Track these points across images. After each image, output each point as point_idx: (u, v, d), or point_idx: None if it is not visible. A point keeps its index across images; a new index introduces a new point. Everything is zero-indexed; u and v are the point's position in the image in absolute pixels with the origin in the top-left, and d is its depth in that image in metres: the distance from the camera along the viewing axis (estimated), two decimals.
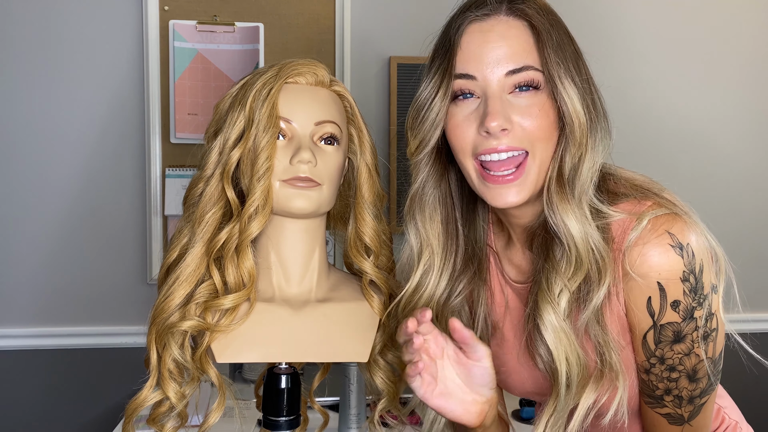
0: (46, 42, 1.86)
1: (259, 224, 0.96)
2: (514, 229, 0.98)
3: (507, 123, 0.84)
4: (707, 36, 2.07)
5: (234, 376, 1.84)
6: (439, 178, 0.97)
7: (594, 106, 0.88)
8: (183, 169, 1.91)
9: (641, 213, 0.85)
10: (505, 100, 0.86)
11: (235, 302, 0.96)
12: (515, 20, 0.87)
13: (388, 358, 1.06)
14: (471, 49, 0.86)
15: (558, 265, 0.88)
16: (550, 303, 0.88)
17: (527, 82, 0.85)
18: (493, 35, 0.86)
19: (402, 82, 1.93)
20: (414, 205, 0.97)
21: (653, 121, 2.05)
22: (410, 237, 0.98)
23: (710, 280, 0.85)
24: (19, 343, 1.90)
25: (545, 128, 0.86)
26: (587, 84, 0.88)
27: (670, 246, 0.83)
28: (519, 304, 0.99)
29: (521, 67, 0.85)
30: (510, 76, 0.85)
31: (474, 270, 1.00)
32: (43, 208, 1.88)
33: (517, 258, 0.99)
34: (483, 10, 0.87)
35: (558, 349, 0.87)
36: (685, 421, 0.90)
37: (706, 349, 0.85)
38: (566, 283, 0.87)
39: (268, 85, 0.98)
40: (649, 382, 0.89)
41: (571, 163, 0.87)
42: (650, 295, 0.84)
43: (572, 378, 0.88)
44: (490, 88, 0.86)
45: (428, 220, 0.97)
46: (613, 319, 0.89)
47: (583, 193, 0.87)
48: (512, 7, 0.87)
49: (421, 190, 0.96)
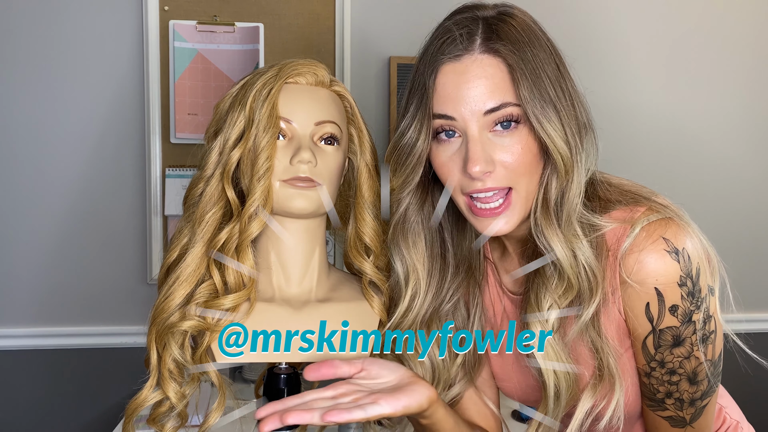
0: (47, 42, 1.86)
1: (260, 224, 0.96)
2: (509, 240, 0.98)
3: (489, 165, 0.84)
4: (700, 36, 2.06)
5: (234, 376, 1.84)
6: (422, 204, 0.97)
7: (578, 129, 0.86)
8: (183, 169, 1.91)
9: (634, 220, 0.85)
10: (486, 140, 0.84)
11: (235, 302, 0.97)
12: (490, 58, 0.84)
13: (389, 359, 1.06)
14: (447, 90, 0.85)
15: (548, 281, 0.88)
16: (537, 319, 0.88)
17: (507, 118, 0.84)
18: (469, 76, 0.84)
19: (402, 82, 1.92)
20: (397, 234, 0.97)
21: (646, 123, 2.05)
22: (396, 265, 0.98)
23: (707, 282, 0.85)
24: (19, 343, 1.90)
25: (528, 164, 0.85)
26: (570, 108, 0.86)
27: (666, 252, 0.83)
28: (515, 312, 0.99)
29: (499, 105, 0.83)
30: (489, 114, 0.84)
31: (463, 275, 1.00)
32: (43, 208, 1.88)
33: (513, 268, 0.99)
34: (455, 51, 0.85)
35: (545, 362, 0.88)
36: (687, 423, 0.90)
37: (705, 351, 0.85)
38: (556, 300, 0.87)
39: (268, 85, 0.98)
40: (650, 385, 0.89)
41: (557, 189, 0.86)
42: (648, 301, 0.84)
43: (561, 389, 0.88)
44: (469, 128, 0.84)
45: (412, 247, 0.97)
46: (610, 325, 0.88)
47: (572, 213, 0.86)
48: (486, 45, 0.85)
49: (403, 218, 0.96)
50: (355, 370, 0.86)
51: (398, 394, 0.81)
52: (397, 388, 0.84)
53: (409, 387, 0.84)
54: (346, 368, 0.85)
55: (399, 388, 0.84)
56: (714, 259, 0.86)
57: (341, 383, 0.85)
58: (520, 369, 1.00)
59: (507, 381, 1.04)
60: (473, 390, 1.05)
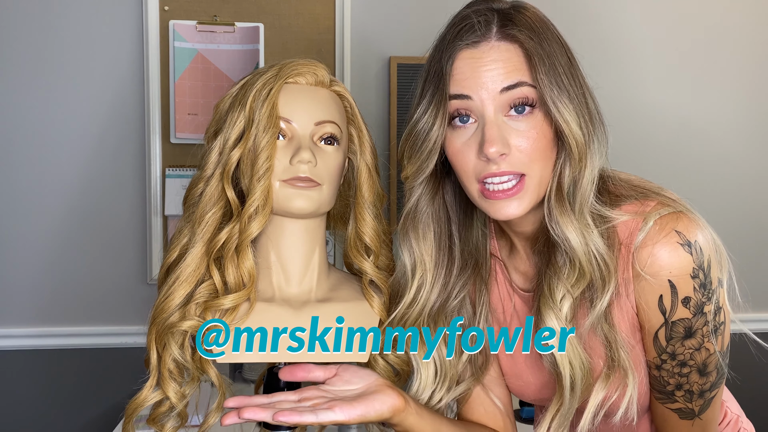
0: (47, 42, 1.86)
1: (259, 224, 0.96)
2: (517, 237, 0.98)
3: (505, 148, 0.84)
4: (704, 35, 2.06)
5: (234, 376, 1.84)
6: (434, 195, 0.97)
7: (590, 118, 0.87)
8: (183, 169, 1.91)
9: (647, 213, 0.86)
10: (502, 123, 0.85)
11: (235, 302, 0.97)
12: (507, 44, 0.86)
13: (388, 359, 1.06)
14: (464, 74, 0.86)
15: (560, 270, 0.88)
16: (552, 309, 0.88)
17: (522, 99, 0.85)
18: (486, 60, 0.85)
19: (402, 82, 1.93)
20: (407, 224, 0.97)
21: (650, 121, 2.05)
22: (404, 256, 0.98)
23: (717, 274, 0.86)
24: (19, 343, 1.90)
25: (542, 149, 0.86)
26: (582, 97, 0.87)
27: (679, 244, 0.84)
28: (526, 310, 0.99)
29: (516, 83, 0.84)
30: (505, 92, 0.84)
31: (470, 272, 1.00)
32: (43, 208, 1.88)
33: (523, 265, 0.99)
34: (473, 38, 0.86)
35: (561, 354, 0.88)
36: (696, 415, 0.90)
37: (715, 342, 0.86)
38: (569, 289, 0.88)
39: (268, 85, 0.98)
40: (660, 378, 0.90)
41: (570, 177, 0.87)
42: (662, 294, 0.85)
43: (576, 381, 0.89)
44: (486, 109, 0.85)
45: (421, 238, 0.97)
46: (622, 318, 0.89)
47: (585, 203, 0.87)
48: (503, 31, 0.86)
49: (414, 208, 0.96)
50: (329, 374, 0.91)
51: (356, 403, 0.86)
52: (360, 396, 0.88)
53: (372, 396, 0.88)
54: (320, 372, 0.92)
55: (361, 396, 0.88)
56: (723, 252, 0.87)
57: (310, 388, 0.90)
58: (531, 364, 1.00)
59: (516, 378, 1.03)
60: (481, 388, 1.05)
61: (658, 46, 2.05)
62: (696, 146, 2.07)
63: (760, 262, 2.09)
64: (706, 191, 2.06)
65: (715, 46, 2.07)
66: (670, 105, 2.06)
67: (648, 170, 0.97)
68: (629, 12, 2.04)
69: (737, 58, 2.08)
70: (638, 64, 2.04)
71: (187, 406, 1.01)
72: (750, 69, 2.09)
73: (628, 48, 2.04)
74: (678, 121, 2.06)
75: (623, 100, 2.01)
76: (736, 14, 2.07)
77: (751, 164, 2.10)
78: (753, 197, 2.10)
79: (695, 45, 2.06)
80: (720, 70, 2.07)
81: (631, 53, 2.04)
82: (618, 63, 2.02)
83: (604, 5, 2.03)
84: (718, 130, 2.08)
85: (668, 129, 2.06)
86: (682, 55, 2.06)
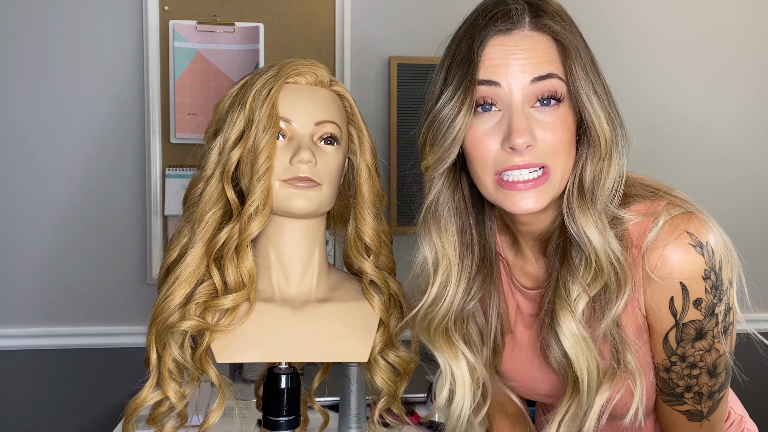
0: (46, 42, 1.86)
1: (259, 224, 0.96)
2: (525, 238, 0.96)
3: (532, 139, 0.82)
4: (712, 34, 2.06)
5: (234, 376, 1.83)
6: (454, 188, 0.94)
7: (616, 117, 0.87)
8: (183, 169, 1.91)
9: (657, 214, 0.85)
10: (528, 114, 0.83)
11: (235, 302, 0.97)
12: (540, 35, 0.84)
13: (389, 358, 1.06)
14: (495, 60, 0.83)
15: (576, 270, 0.87)
16: (568, 309, 0.86)
17: (550, 92, 0.83)
18: (518, 48, 0.83)
19: (402, 82, 1.92)
20: (429, 218, 0.94)
21: (658, 121, 2.05)
22: (425, 249, 0.95)
23: (728, 275, 0.85)
24: (19, 343, 1.90)
25: (566, 142, 0.85)
26: (606, 96, 0.86)
27: (691, 246, 0.83)
28: (530, 308, 0.98)
29: (546, 75, 0.83)
30: (535, 83, 0.83)
31: (485, 272, 0.98)
32: (43, 208, 1.88)
33: (528, 267, 0.98)
34: (506, 24, 0.84)
35: (578, 357, 0.87)
36: (704, 416, 0.90)
37: (725, 343, 0.86)
38: (585, 288, 0.86)
39: (268, 85, 0.98)
40: (669, 380, 0.89)
41: (592, 174, 0.86)
42: (672, 295, 0.84)
43: (591, 383, 0.87)
44: (514, 98, 0.83)
45: (444, 231, 0.94)
46: (629, 320, 0.88)
47: (605, 201, 0.86)
48: (536, 21, 0.84)
49: (435, 202, 0.94)
50: None
51: None
52: None
53: None
54: None
55: None
56: (733, 252, 0.87)
57: None
58: (539, 363, 0.98)
59: (527, 377, 1.02)
60: (497, 380, 1.05)
61: (671, 46, 2.04)
62: (705, 145, 2.06)
63: (764, 262, 2.08)
64: (715, 191, 2.05)
65: (731, 45, 2.06)
66: (677, 104, 2.05)
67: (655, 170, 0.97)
68: (642, 11, 2.03)
69: (746, 56, 2.07)
70: (644, 63, 2.03)
71: (187, 406, 1.01)
72: (760, 67, 2.07)
73: (640, 47, 2.03)
74: (686, 120, 2.06)
75: (630, 100, 2.00)
76: (746, 11, 2.06)
77: (762, 162, 2.09)
78: (754, 197, 2.10)
79: (710, 44, 2.05)
80: (729, 67, 2.06)
81: (644, 52, 2.03)
82: (624, 63, 2.01)
83: (611, 5, 2.02)
84: (729, 129, 2.07)
85: (676, 128, 2.05)
86: (690, 52, 2.05)
